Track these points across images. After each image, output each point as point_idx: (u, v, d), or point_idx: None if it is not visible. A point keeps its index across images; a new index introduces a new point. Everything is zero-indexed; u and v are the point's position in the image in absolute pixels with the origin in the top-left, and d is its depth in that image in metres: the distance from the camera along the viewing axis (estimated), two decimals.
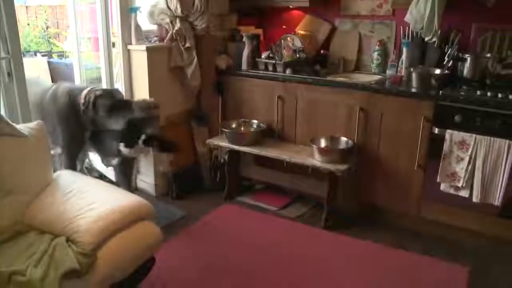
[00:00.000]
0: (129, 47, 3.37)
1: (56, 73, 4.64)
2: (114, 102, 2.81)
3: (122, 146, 2.73)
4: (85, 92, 2.83)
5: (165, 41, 3.46)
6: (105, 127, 2.84)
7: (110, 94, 2.87)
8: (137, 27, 3.35)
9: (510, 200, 2.79)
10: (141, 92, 3.40)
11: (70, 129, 2.90)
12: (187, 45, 3.47)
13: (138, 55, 3.36)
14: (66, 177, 2.43)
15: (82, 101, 2.81)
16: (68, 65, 4.48)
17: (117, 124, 2.74)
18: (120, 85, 3.49)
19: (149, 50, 3.31)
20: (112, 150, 2.91)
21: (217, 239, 3.06)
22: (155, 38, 3.51)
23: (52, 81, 4.69)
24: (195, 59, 3.55)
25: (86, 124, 2.89)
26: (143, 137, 2.71)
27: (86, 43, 3.96)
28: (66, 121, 2.89)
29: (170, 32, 3.42)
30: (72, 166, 2.96)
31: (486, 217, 2.91)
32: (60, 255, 1.92)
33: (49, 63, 4.66)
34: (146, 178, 3.72)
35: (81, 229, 1.99)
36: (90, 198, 2.19)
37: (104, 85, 3.46)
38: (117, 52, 3.43)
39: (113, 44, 3.44)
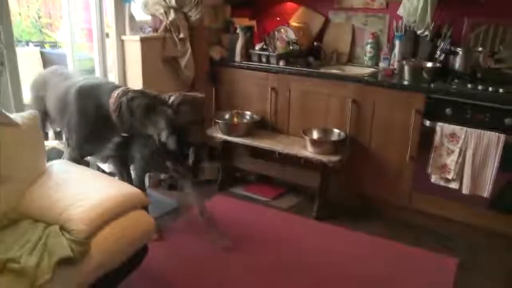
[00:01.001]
0: (123, 37, 3.36)
1: (49, 64, 4.62)
2: (150, 101, 2.53)
3: (169, 164, 2.61)
4: (117, 93, 2.54)
5: (159, 31, 3.45)
6: (142, 131, 2.58)
7: (144, 93, 2.59)
8: (131, 17, 3.35)
9: (499, 192, 2.83)
10: (135, 83, 3.39)
11: (89, 131, 2.67)
12: (181, 35, 3.46)
13: (132, 46, 3.35)
14: (60, 167, 2.44)
15: (113, 106, 2.52)
16: (61, 55, 4.46)
17: (156, 127, 2.51)
18: (113, 76, 3.48)
19: (143, 40, 3.30)
20: (154, 163, 2.76)
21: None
22: (149, 29, 3.50)
23: None
24: (189, 50, 3.55)
25: (117, 128, 2.64)
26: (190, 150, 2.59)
27: (79, 33, 3.95)
28: (87, 122, 2.65)
29: (164, 23, 3.41)
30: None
31: (476, 209, 2.96)
32: (54, 243, 1.93)
33: (41, 53, 4.64)
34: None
35: (75, 217, 2.00)
36: (84, 187, 2.20)
37: (98, 74, 3.45)
38: (111, 43, 3.41)
39: (107, 35, 3.43)
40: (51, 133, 4.29)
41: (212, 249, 2.83)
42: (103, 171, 3.37)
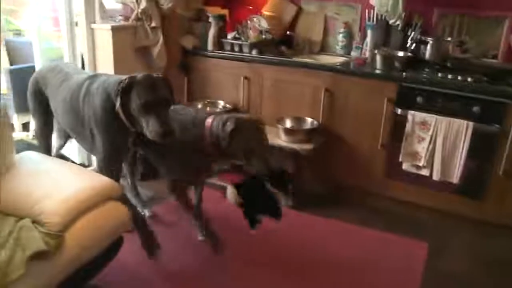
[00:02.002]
0: (93, 26, 3.28)
1: (14, 53, 4.48)
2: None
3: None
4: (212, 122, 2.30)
5: (130, 20, 3.38)
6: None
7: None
8: (101, 5, 3.26)
9: (467, 177, 2.91)
10: (106, 72, 3.32)
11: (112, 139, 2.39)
12: (153, 24, 3.40)
13: (102, 35, 3.27)
14: (30, 158, 2.37)
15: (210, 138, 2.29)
16: (26, 44, 4.32)
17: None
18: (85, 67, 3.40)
19: (114, 29, 3.22)
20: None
21: (182, 219, 3.06)
22: (120, 17, 3.42)
23: (11, 61, 4.54)
24: (161, 39, 3.49)
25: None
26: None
27: (46, 21, 3.84)
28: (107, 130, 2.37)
29: (136, 11, 3.35)
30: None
31: (445, 195, 3.04)
32: (26, 237, 1.88)
33: (6, 41, 4.49)
34: None
35: (48, 210, 1.95)
36: (56, 178, 2.15)
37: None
38: (81, 32, 3.32)
39: (76, 23, 3.34)
40: (17, 125, 4.19)
41: (187, 239, 2.82)
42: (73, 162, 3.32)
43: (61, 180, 2.14)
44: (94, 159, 3.70)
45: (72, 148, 3.56)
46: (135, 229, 2.46)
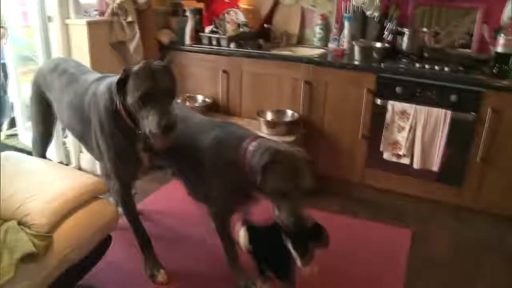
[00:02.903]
0: (67, 21, 3.20)
1: None
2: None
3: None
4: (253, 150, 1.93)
5: (105, 15, 3.31)
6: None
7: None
8: (75, 0, 3.19)
9: (446, 165, 2.98)
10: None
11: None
12: (129, 19, 3.35)
13: (77, 30, 3.20)
14: (10, 159, 2.31)
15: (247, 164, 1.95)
16: None
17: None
18: None
19: (90, 24, 3.16)
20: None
21: (166, 215, 3.04)
22: (95, 12, 3.36)
23: None
24: (138, 34, 3.44)
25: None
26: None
27: (16, 16, 3.73)
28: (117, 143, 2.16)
29: (111, 6, 3.28)
30: (126, 194, 2.34)
31: (425, 182, 3.11)
32: (14, 240, 1.83)
33: None
34: (88, 155, 3.60)
35: (34, 210, 1.91)
36: (39, 178, 2.10)
37: (41, 60, 3.28)
38: (55, 27, 3.24)
39: (49, 18, 3.25)
40: None
41: (171, 235, 2.80)
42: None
43: (45, 179, 2.09)
44: (75, 158, 3.65)
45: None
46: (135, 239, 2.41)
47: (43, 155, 2.79)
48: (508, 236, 2.89)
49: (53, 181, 2.08)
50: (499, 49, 2.86)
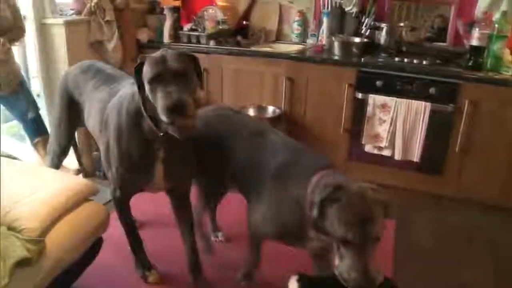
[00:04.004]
0: (44, 21, 3.14)
1: None
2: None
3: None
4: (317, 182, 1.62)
5: (82, 14, 3.26)
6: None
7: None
8: None
9: (427, 156, 3.07)
10: (60, 70, 3.20)
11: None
12: (107, 18, 3.31)
13: (55, 30, 3.14)
14: None
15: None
16: None
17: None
18: (34, 65, 3.26)
19: (67, 24, 3.11)
20: None
21: (157, 214, 3.02)
22: (71, 11, 3.30)
23: None
24: (116, 33, 3.41)
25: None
26: None
27: None
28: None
29: (89, 5, 3.24)
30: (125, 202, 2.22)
31: (407, 173, 3.19)
32: (6, 246, 1.80)
33: None
34: (69, 158, 3.54)
35: (24, 215, 1.88)
36: (28, 182, 2.06)
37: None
38: (31, 27, 3.17)
39: (24, 18, 3.17)
40: None
41: (162, 234, 2.79)
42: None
43: (34, 183, 2.06)
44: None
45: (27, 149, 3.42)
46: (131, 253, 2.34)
47: (59, 164, 2.67)
48: (487, 223, 2.99)
49: (42, 184, 2.05)
50: (474, 42, 2.94)
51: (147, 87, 1.74)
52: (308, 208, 1.60)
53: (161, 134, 1.82)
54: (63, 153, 2.63)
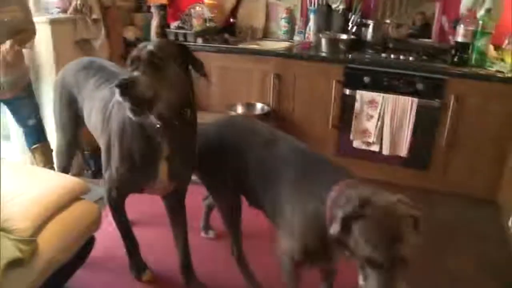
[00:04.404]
0: None
1: None
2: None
3: None
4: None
5: (68, 12, 3.23)
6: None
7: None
8: None
9: (414, 150, 3.11)
10: (46, 70, 3.17)
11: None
12: (94, 16, 3.29)
13: (40, 28, 3.08)
14: None
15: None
16: None
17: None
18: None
19: (52, 22, 3.08)
20: None
21: (141, 211, 3.01)
22: (57, 10, 3.26)
23: None
24: (103, 31, 3.39)
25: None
26: None
27: None
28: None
29: (74, 3, 3.21)
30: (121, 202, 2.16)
31: (395, 168, 3.24)
32: None
33: None
34: None
35: (15, 215, 1.86)
36: (18, 181, 2.04)
37: None
38: None
39: None
40: None
41: (155, 234, 2.79)
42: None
43: (24, 182, 2.04)
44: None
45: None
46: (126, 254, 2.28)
47: (67, 167, 2.61)
48: (473, 215, 3.05)
49: (33, 183, 2.04)
50: (459, 39, 3.00)
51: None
52: (328, 224, 1.44)
53: (157, 126, 1.77)
54: (69, 153, 2.57)
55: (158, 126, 1.77)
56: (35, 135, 2.95)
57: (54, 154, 2.67)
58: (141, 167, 1.89)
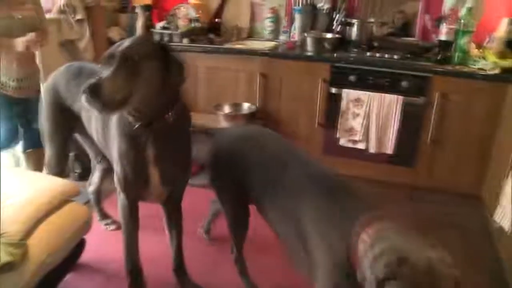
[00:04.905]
0: None
1: None
2: None
3: None
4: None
5: (52, 13, 3.20)
6: None
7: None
8: None
9: (400, 148, 3.16)
10: None
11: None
12: (78, 17, 3.26)
13: None
14: None
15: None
16: None
17: None
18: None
19: None
20: None
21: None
22: None
23: None
24: (87, 32, 3.36)
25: None
26: None
27: None
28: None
29: (58, 3, 3.18)
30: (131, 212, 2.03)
31: (381, 165, 3.28)
32: None
33: None
34: None
35: (5, 219, 1.84)
36: (6, 185, 2.03)
37: None
38: None
39: None
40: None
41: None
42: None
43: (13, 185, 2.02)
44: None
45: None
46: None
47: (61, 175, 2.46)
48: (459, 211, 3.10)
49: (22, 186, 2.02)
50: (443, 37, 3.05)
51: None
52: (359, 273, 1.30)
53: (136, 126, 1.73)
54: (61, 161, 2.46)
55: (136, 126, 1.73)
56: (34, 140, 2.88)
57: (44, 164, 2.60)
58: (133, 171, 1.85)
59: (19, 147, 3.22)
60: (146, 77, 1.62)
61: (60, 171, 2.41)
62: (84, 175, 3.45)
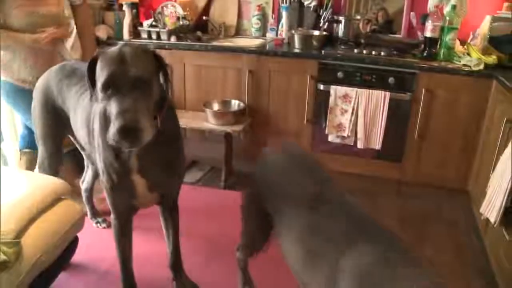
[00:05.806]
0: None
1: None
2: None
3: None
4: None
5: None
6: None
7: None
8: None
9: (387, 143, 3.20)
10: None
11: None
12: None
13: None
14: None
15: None
16: None
17: None
18: None
19: None
20: None
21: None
22: None
23: None
24: (74, 30, 3.33)
25: None
26: None
27: None
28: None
29: None
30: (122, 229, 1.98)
31: (369, 161, 3.33)
32: None
33: None
34: None
35: None
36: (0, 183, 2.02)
37: None
38: None
39: None
40: None
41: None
42: None
43: (5, 185, 2.01)
44: None
45: None
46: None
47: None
48: (446, 205, 3.16)
49: (14, 185, 2.01)
50: (428, 34, 3.10)
51: (100, 92, 1.49)
52: None
53: None
54: (53, 164, 2.39)
55: None
56: (34, 140, 2.86)
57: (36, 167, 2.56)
58: (119, 184, 1.78)
59: (3, 145, 3.20)
60: (156, 92, 1.57)
61: (54, 173, 2.35)
62: (77, 173, 3.43)
